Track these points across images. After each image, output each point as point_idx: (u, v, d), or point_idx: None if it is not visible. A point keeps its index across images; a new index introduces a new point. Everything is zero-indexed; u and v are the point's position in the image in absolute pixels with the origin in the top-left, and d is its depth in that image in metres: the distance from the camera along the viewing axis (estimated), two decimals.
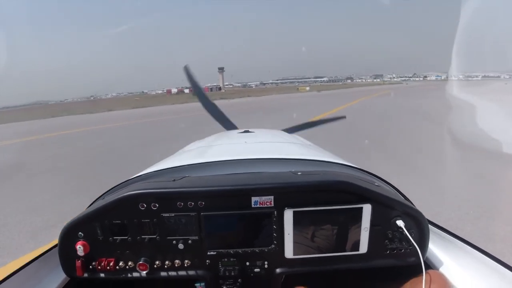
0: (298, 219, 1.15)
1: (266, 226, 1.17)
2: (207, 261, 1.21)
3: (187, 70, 3.76)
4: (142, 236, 1.18)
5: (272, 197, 1.14)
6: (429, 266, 1.21)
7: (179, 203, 1.15)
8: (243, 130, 2.71)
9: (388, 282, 1.28)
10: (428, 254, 1.23)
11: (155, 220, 1.16)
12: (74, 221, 1.17)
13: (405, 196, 1.39)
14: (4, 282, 1.06)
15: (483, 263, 1.10)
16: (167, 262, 1.20)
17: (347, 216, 1.16)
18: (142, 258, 1.18)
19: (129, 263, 1.19)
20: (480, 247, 1.14)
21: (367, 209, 1.14)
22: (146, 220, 1.17)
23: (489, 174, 5.84)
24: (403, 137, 9.74)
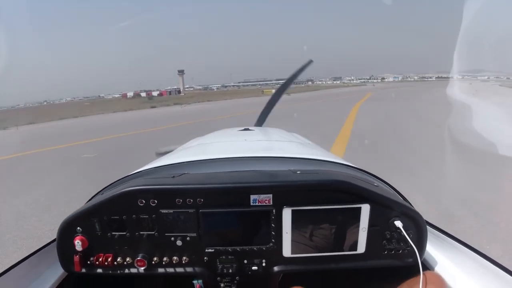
0: (296, 218, 1.15)
1: (265, 224, 1.17)
2: (205, 258, 1.21)
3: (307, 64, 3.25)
4: (141, 232, 1.18)
5: (270, 195, 1.14)
6: (427, 267, 1.22)
7: (178, 199, 1.15)
8: (243, 128, 2.67)
9: (385, 282, 1.27)
10: (425, 255, 1.23)
11: (153, 216, 1.16)
12: (72, 216, 1.17)
13: (403, 196, 1.39)
14: (2, 276, 1.06)
15: (480, 265, 1.10)
16: (165, 259, 1.20)
17: (346, 216, 1.16)
18: (140, 254, 1.18)
19: (127, 259, 1.19)
20: (478, 249, 1.14)
21: (365, 209, 1.15)
22: (145, 216, 1.16)
23: None
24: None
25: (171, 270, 1.22)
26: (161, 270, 1.22)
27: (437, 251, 1.28)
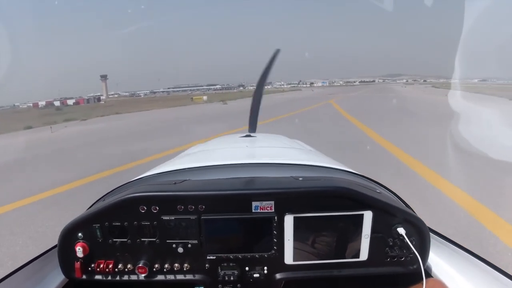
0: (298, 225, 1.15)
1: (266, 231, 1.17)
2: (207, 265, 1.21)
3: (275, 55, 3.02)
4: (142, 239, 1.18)
5: (272, 202, 1.14)
6: (430, 274, 1.22)
7: (179, 206, 1.15)
8: (244, 135, 2.67)
9: None
10: (428, 262, 1.23)
11: (155, 223, 1.16)
12: (74, 222, 1.17)
13: (406, 203, 1.39)
14: (3, 282, 1.06)
15: (484, 273, 1.09)
16: (166, 266, 1.19)
17: (348, 223, 1.16)
18: (141, 261, 1.18)
19: (128, 265, 1.19)
20: (482, 257, 1.13)
21: (368, 216, 1.14)
22: (146, 223, 1.16)
23: None
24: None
25: (172, 277, 1.21)
26: (162, 277, 1.21)
27: (440, 258, 1.27)
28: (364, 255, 1.18)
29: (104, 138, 14.44)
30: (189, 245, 1.18)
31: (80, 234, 1.18)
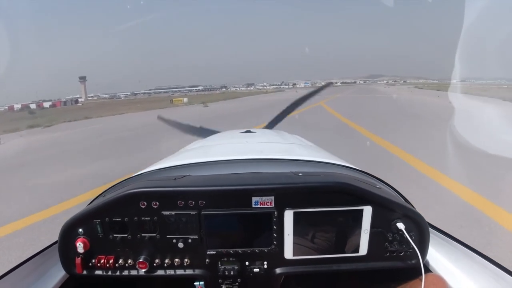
0: (298, 220, 1.16)
1: (266, 226, 1.17)
2: (207, 260, 1.21)
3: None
4: (142, 234, 1.18)
5: (272, 197, 1.15)
6: (429, 269, 1.22)
7: (179, 201, 1.15)
8: (244, 130, 2.69)
9: (387, 284, 1.28)
10: (428, 257, 1.23)
11: (155, 218, 1.17)
12: (74, 218, 1.18)
13: (405, 198, 1.39)
14: (4, 278, 1.07)
15: (483, 267, 1.10)
16: (166, 261, 1.20)
17: (348, 218, 1.16)
18: (142, 256, 1.19)
19: (129, 261, 1.20)
20: (480, 251, 1.14)
21: (367, 211, 1.15)
22: (147, 218, 1.17)
23: None
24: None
25: (172, 272, 1.22)
26: (162, 272, 1.22)
27: (439, 253, 1.27)
28: (363, 250, 1.19)
29: (35, 159, 10.62)
30: (189, 240, 1.18)
31: (80, 230, 1.18)
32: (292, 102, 3.77)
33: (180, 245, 1.18)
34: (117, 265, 1.19)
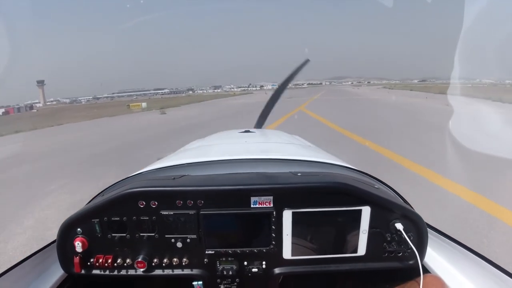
0: (297, 220, 1.16)
1: (265, 226, 1.17)
2: (205, 260, 1.21)
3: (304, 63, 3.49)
4: (141, 234, 1.18)
5: (271, 197, 1.15)
6: (427, 269, 1.22)
7: (178, 201, 1.16)
8: (244, 130, 2.69)
9: (386, 284, 1.28)
10: (426, 257, 1.23)
11: (154, 218, 1.17)
12: (73, 217, 1.18)
13: (404, 199, 1.39)
14: (2, 277, 1.07)
15: (481, 267, 1.10)
16: (165, 260, 1.20)
17: (346, 218, 1.16)
18: (140, 256, 1.19)
19: (127, 260, 1.20)
20: (479, 252, 1.14)
21: (366, 211, 1.15)
22: (145, 218, 1.17)
23: None
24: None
25: (171, 271, 1.22)
26: (161, 271, 1.22)
27: (437, 253, 1.28)
28: (362, 250, 1.19)
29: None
30: (188, 240, 1.18)
31: (79, 229, 1.18)
32: (271, 97, 3.66)
33: (179, 244, 1.18)
34: (115, 264, 1.19)
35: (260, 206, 1.16)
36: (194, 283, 1.27)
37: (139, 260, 1.18)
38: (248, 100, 45.45)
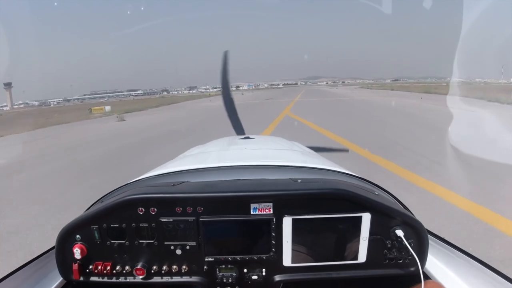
0: (297, 227, 1.15)
1: (265, 233, 1.17)
2: (205, 267, 1.21)
3: (225, 56, 3.44)
4: (140, 241, 1.18)
5: (271, 204, 1.14)
6: (428, 276, 1.21)
7: (177, 208, 1.15)
8: (243, 136, 2.70)
9: None
10: (427, 264, 1.23)
11: (153, 224, 1.16)
12: (72, 224, 1.17)
13: (404, 205, 1.38)
14: (1, 283, 1.06)
15: (482, 274, 1.10)
16: (164, 268, 1.19)
17: (346, 225, 1.16)
18: (139, 263, 1.18)
19: (126, 267, 1.19)
20: (480, 258, 1.13)
21: (366, 218, 1.15)
22: (144, 225, 1.16)
23: None
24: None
25: (170, 279, 1.21)
26: (160, 279, 1.21)
27: (438, 260, 1.27)
28: (362, 257, 1.18)
29: None
30: (187, 247, 1.18)
31: (78, 236, 1.17)
32: (225, 104, 3.60)
33: (178, 251, 1.17)
34: (114, 271, 1.18)
35: (259, 213, 1.14)
36: None
37: (138, 267, 1.16)
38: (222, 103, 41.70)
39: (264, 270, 1.21)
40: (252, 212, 1.14)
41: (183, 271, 1.19)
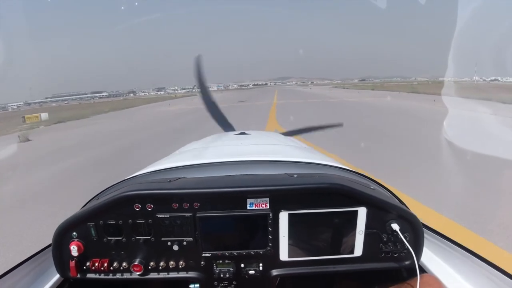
0: (293, 222, 1.16)
1: (262, 228, 1.17)
2: (202, 262, 1.21)
3: (198, 61, 3.46)
4: (137, 237, 1.17)
5: (267, 199, 1.14)
6: (424, 269, 1.22)
7: (174, 204, 1.15)
8: (239, 132, 2.69)
9: (383, 285, 1.28)
10: (422, 257, 1.24)
11: (150, 221, 1.16)
12: (68, 221, 1.17)
13: (400, 199, 1.39)
14: None
15: (477, 267, 1.11)
16: (161, 264, 1.19)
17: (342, 219, 1.16)
18: (137, 259, 1.18)
19: (123, 264, 1.19)
20: (474, 251, 1.14)
21: (362, 212, 1.15)
22: (141, 221, 1.16)
23: None
24: None
25: (167, 275, 1.21)
26: (157, 275, 1.21)
27: (433, 253, 1.28)
28: (358, 251, 1.19)
29: None
30: (184, 243, 1.17)
31: (74, 233, 1.17)
32: (206, 104, 3.58)
33: (175, 247, 1.17)
34: (111, 268, 1.18)
35: (256, 208, 1.15)
36: (191, 286, 1.25)
37: (136, 263, 1.16)
38: (186, 106, 34.20)
39: (261, 264, 1.21)
40: (248, 207, 1.14)
41: (180, 267, 1.19)
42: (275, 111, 21.48)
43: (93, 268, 1.16)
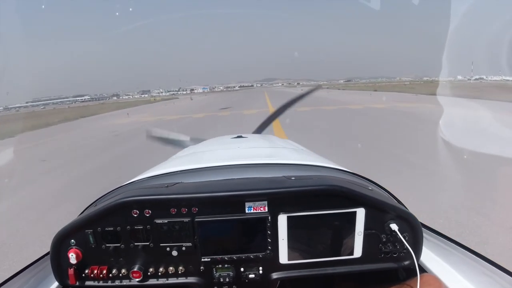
0: (292, 224, 1.15)
1: (260, 231, 1.16)
2: (201, 267, 1.20)
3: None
4: (135, 243, 1.17)
5: (265, 202, 1.14)
6: (423, 269, 1.22)
7: (172, 209, 1.14)
8: (236, 136, 2.66)
9: (383, 286, 1.27)
10: (422, 257, 1.23)
11: (148, 227, 1.15)
12: (66, 228, 1.16)
13: (398, 199, 1.39)
14: None
15: (477, 265, 1.11)
16: (160, 269, 1.18)
17: (341, 221, 1.16)
18: (136, 266, 1.17)
19: (122, 270, 1.18)
20: (474, 250, 1.14)
21: (360, 213, 1.15)
22: (139, 227, 1.15)
23: None
24: None
25: (167, 280, 1.20)
26: (156, 281, 1.20)
27: (433, 252, 1.27)
28: (358, 252, 1.19)
29: None
30: (183, 248, 1.17)
31: (72, 241, 1.16)
32: (278, 109, 3.68)
33: (174, 253, 1.17)
34: (110, 275, 1.17)
35: (254, 211, 1.14)
36: None
37: (135, 270, 1.16)
38: (149, 117, 26.47)
39: (260, 268, 1.20)
40: (247, 211, 1.14)
41: (179, 272, 1.18)
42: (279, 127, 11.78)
43: (92, 275, 1.15)
